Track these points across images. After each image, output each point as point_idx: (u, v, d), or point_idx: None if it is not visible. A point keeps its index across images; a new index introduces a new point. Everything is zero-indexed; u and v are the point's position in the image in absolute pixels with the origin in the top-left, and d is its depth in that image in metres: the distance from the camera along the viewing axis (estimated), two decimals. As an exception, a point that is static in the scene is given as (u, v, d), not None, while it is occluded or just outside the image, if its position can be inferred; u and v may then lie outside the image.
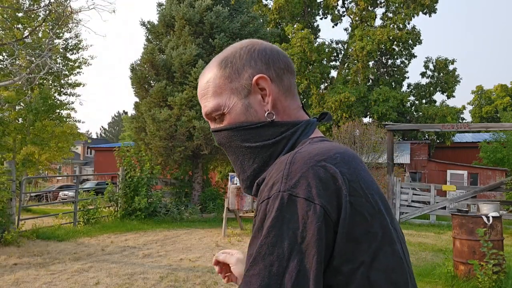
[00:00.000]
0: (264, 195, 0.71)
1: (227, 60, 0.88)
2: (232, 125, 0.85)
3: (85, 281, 5.72)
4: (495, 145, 21.61)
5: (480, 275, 4.98)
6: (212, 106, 0.86)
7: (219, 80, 0.87)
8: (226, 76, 0.86)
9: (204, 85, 0.89)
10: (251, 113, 0.85)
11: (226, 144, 0.88)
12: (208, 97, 0.87)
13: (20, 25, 17.09)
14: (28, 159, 17.86)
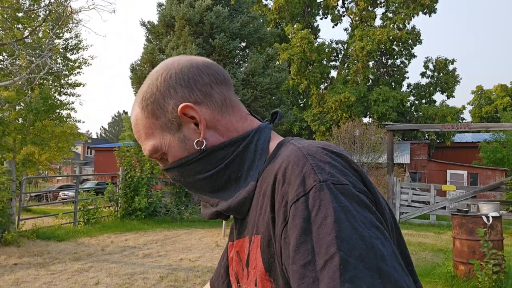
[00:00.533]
0: (295, 192, 0.60)
1: (146, 97, 0.79)
2: (177, 162, 0.79)
3: (85, 281, 5.73)
4: (495, 145, 21.62)
5: (480, 275, 4.98)
6: (150, 149, 0.80)
7: (145, 121, 0.79)
8: (151, 115, 0.78)
9: (135, 127, 0.82)
10: (190, 145, 0.78)
11: (181, 180, 0.82)
12: (142, 140, 0.81)
13: (20, 25, 17.10)
14: (28, 159, 17.87)
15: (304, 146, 0.68)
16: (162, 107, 0.78)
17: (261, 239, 0.68)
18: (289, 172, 0.64)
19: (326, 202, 0.57)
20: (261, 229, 0.69)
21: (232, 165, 0.77)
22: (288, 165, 0.65)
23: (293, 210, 0.59)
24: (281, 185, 0.64)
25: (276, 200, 0.65)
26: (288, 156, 0.67)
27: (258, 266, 0.69)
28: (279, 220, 0.63)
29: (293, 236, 0.58)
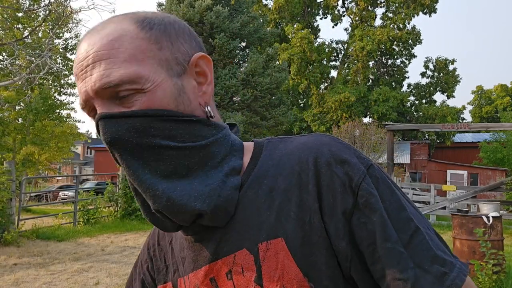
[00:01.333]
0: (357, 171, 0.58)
1: (152, 20, 0.62)
2: (159, 110, 0.58)
3: (85, 281, 5.72)
4: (495, 145, 21.62)
5: (481, 275, 4.98)
6: (125, 75, 0.57)
7: (140, 41, 0.59)
8: (153, 39, 0.60)
9: (108, 43, 0.58)
10: (183, 100, 0.61)
11: (133, 140, 0.58)
12: (117, 61, 0.57)
13: (20, 25, 17.09)
14: (28, 159, 17.88)
15: (320, 134, 0.65)
16: (173, 42, 0.62)
17: (287, 240, 0.58)
18: (338, 154, 0.59)
19: (385, 180, 0.60)
20: (284, 230, 0.58)
21: (207, 149, 0.62)
22: (331, 148, 0.60)
23: (365, 189, 0.57)
24: (334, 167, 0.58)
25: (322, 184, 0.58)
26: (318, 142, 0.62)
27: (290, 274, 0.57)
28: (342, 202, 0.57)
29: (374, 217, 0.56)
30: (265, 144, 0.67)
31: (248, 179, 0.63)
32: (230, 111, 14.66)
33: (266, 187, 0.62)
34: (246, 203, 0.62)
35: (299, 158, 0.61)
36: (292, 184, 0.60)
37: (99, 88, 0.57)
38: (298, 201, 0.59)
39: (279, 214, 0.59)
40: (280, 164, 0.62)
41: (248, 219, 0.61)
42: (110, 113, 0.58)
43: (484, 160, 22.03)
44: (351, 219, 0.57)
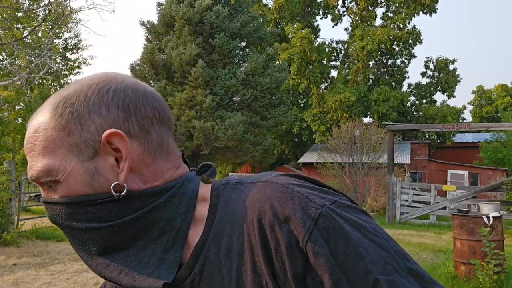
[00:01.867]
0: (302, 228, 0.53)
1: (66, 102, 0.61)
2: (72, 198, 0.60)
3: (84, 281, 5.71)
4: (495, 145, 21.61)
5: (481, 275, 4.97)
6: (41, 169, 0.59)
7: (51, 132, 0.60)
8: (62, 127, 0.60)
9: (30, 137, 0.61)
10: (99, 183, 0.60)
11: (64, 223, 0.61)
12: (34, 155, 0.60)
13: (19, 25, 17.09)
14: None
15: (268, 179, 0.60)
16: (82, 123, 0.60)
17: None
18: (280, 210, 0.55)
19: (338, 228, 0.54)
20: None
21: (144, 220, 0.61)
22: (273, 203, 0.56)
23: (312, 248, 0.53)
24: (277, 227, 0.54)
25: (271, 248, 0.55)
26: (261, 195, 0.58)
27: None
28: (291, 266, 0.54)
29: (325, 278, 0.52)
30: (221, 192, 0.65)
31: (208, 236, 0.62)
32: (230, 111, 14.66)
33: (224, 247, 0.60)
34: (208, 265, 0.60)
35: (245, 217, 0.59)
36: (244, 246, 0.58)
37: (30, 179, 0.62)
38: (251, 265, 0.57)
39: (238, 279, 0.58)
40: (234, 221, 0.60)
41: (214, 282, 0.60)
42: (43, 199, 0.63)
43: (484, 160, 22.02)
44: (305, 279, 0.54)
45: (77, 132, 0.60)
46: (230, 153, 14.57)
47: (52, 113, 0.61)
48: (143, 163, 0.62)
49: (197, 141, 13.71)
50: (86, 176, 0.60)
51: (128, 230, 0.61)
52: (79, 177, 0.60)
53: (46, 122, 0.61)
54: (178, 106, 13.84)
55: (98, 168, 0.60)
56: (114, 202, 0.60)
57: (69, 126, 0.60)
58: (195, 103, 13.87)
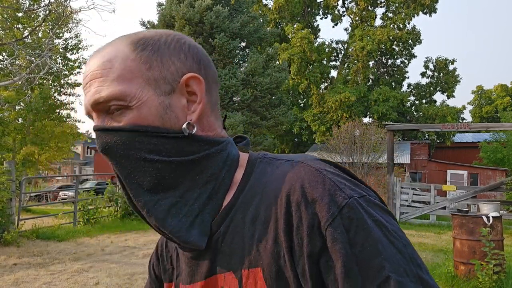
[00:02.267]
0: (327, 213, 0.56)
1: (147, 41, 0.66)
2: (140, 126, 0.62)
3: (85, 281, 5.72)
4: (495, 145, 21.62)
5: (481, 275, 4.97)
6: (115, 92, 0.62)
7: (131, 62, 0.64)
8: (143, 61, 0.64)
9: (102, 64, 0.64)
10: (169, 118, 0.64)
11: (120, 151, 0.63)
12: (107, 80, 0.63)
13: (20, 25, 17.10)
14: (28, 159, 17.89)
15: (304, 161, 0.62)
16: (163, 62, 0.65)
17: (264, 272, 0.60)
18: (309, 191, 0.58)
19: (361, 221, 0.55)
20: (262, 261, 0.60)
21: (197, 164, 0.65)
22: (304, 184, 0.59)
23: (331, 233, 0.55)
24: (303, 207, 0.57)
25: (293, 224, 0.58)
26: (294, 174, 0.61)
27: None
28: (309, 245, 0.56)
29: (338, 264, 0.54)
30: (256, 164, 0.68)
31: (237, 201, 0.65)
32: (230, 111, 14.67)
33: (251, 214, 0.63)
34: (233, 227, 0.64)
35: (276, 191, 0.61)
36: (270, 217, 0.61)
37: (93, 103, 0.64)
38: (274, 235, 0.60)
39: (259, 245, 0.61)
40: (264, 193, 0.63)
41: (235, 244, 0.63)
42: (100, 126, 0.64)
43: (484, 160, 22.03)
44: (318, 262, 0.56)
45: (158, 68, 0.65)
46: (230, 153, 14.59)
47: (132, 48, 0.65)
48: (205, 113, 0.67)
49: (197, 141, 13.75)
50: (160, 109, 0.64)
51: (181, 170, 0.64)
52: (153, 108, 0.63)
53: (126, 54, 0.65)
54: (178, 106, 13.89)
55: (172, 105, 0.65)
56: (178, 140, 0.64)
57: (150, 61, 0.65)
58: (195, 103, 13.92)
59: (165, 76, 0.65)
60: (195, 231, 0.64)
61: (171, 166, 0.63)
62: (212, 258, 0.65)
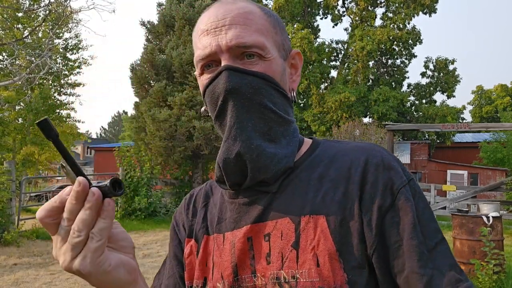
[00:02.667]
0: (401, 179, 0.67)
1: (269, 11, 0.75)
2: (272, 78, 0.70)
3: (85, 281, 5.71)
4: (495, 145, 21.60)
5: (481, 275, 4.97)
6: (256, 41, 0.68)
7: (264, 21, 0.72)
8: (272, 25, 0.73)
9: (244, 13, 0.70)
10: (283, 80, 0.74)
11: (247, 94, 0.68)
12: (250, 29, 0.69)
13: (20, 25, 17.09)
14: (28, 159, 17.89)
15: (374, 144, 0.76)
16: (282, 31, 0.75)
17: (329, 220, 0.66)
18: (387, 161, 0.69)
19: (420, 193, 0.68)
20: (327, 210, 0.67)
21: (292, 126, 0.75)
22: (383, 155, 0.70)
23: (403, 195, 0.66)
24: (381, 169, 0.68)
25: (368, 181, 0.67)
26: (373, 148, 0.72)
27: (325, 247, 0.65)
28: (381, 199, 0.66)
29: (406, 218, 0.64)
30: (321, 142, 0.78)
31: (303, 163, 0.73)
32: (230, 111, 14.68)
33: (317, 173, 0.71)
34: (297, 182, 0.71)
35: (352, 155, 0.71)
36: (342, 176, 0.69)
37: (234, 45, 0.68)
38: (344, 190, 0.68)
39: (325, 197, 0.68)
40: (334, 158, 0.72)
41: (296, 195, 0.70)
42: (236, 67, 0.68)
43: (484, 160, 22.02)
44: (385, 216, 0.65)
45: (279, 35, 0.74)
46: (230, 153, 14.58)
47: (262, 11, 0.73)
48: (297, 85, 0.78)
49: (197, 141, 13.72)
50: (281, 69, 0.73)
51: (284, 127, 0.72)
52: (278, 66, 0.72)
53: (261, 14, 0.73)
54: (178, 106, 13.85)
55: (285, 70, 0.75)
56: (287, 100, 0.74)
57: (275, 28, 0.73)
58: (195, 103, 13.88)
59: (284, 43, 0.74)
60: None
61: (279, 120, 0.71)
62: (266, 206, 0.71)
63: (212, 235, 0.77)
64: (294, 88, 0.76)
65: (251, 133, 0.68)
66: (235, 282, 0.70)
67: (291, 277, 0.65)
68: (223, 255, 0.73)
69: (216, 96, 0.69)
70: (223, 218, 0.76)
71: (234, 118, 0.68)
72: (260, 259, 0.69)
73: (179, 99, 13.74)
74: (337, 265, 0.64)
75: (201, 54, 0.71)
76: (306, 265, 0.65)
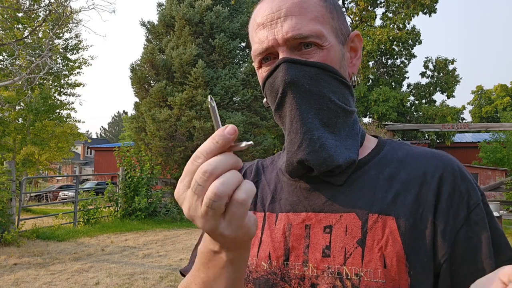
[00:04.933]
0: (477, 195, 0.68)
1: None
2: (331, 66, 0.68)
3: (85, 281, 5.72)
4: (495, 145, 21.61)
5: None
6: (313, 30, 0.66)
7: (320, 8, 0.69)
8: (329, 10, 0.71)
9: (299, 3, 0.68)
10: (343, 66, 0.71)
11: (306, 85, 0.66)
12: (305, 18, 0.67)
13: (20, 25, 17.09)
14: (28, 159, 17.89)
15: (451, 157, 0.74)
16: (339, 15, 0.72)
17: (399, 222, 0.65)
18: (463, 172, 0.69)
19: (490, 210, 0.68)
20: (397, 211, 0.65)
21: (352, 116, 0.72)
22: (459, 165, 0.70)
23: (479, 211, 0.66)
24: (459, 180, 0.68)
25: (445, 190, 0.66)
26: (447, 156, 0.71)
27: (393, 248, 0.63)
28: (455, 212, 0.65)
29: (482, 235, 0.64)
30: (388, 141, 0.76)
31: (372, 160, 0.72)
32: (230, 111, 14.68)
33: (387, 173, 0.69)
34: (366, 179, 0.70)
35: (428, 161, 0.70)
36: (414, 179, 0.68)
37: (290, 37, 0.66)
38: (416, 194, 0.66)
39: (395, 198, 0.67)
40: (405, 161, 0.71)
41: (364, 192, 0.68)
42: (294, 59, 0.67)
43: (483, 160, 22.02)
44: (460, 228, 0.65)
45: (337, 20, 0.71)
46: (230, 153, 14.57)
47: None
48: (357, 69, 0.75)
49: (197, 141, 13.72)
50: (340, 56, 0.71)
51: (344, 117, 0.70)
52: (337, 53, 0.70)
53: (316, 0, 0.70)
54: (178, 106, 13.85)
55: (344, 55, 0.72)
56: (347, 88, 0.71)
57: (332, 12, 0.71)
58: (195, 103, 13.88)
59: (342, 28, 0.72)
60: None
61: (339, 110, 0.69)
62: (330, 197, 0.70)
63: (262, 212, 0.75)
64: (355, 72, 0.74)
65: (311, 124, 0.66)
66: (283, 266, 0.69)
67: (354, 274, 0.64)
68: (273, 235, 0.71)
69: (276, 89, 0.68)
70: (277, 198, 0.75)
71: (294, 111, 0.67)
72: (315, 250, 0.67)
73: (179, 99, 13.74)
74: (404, 268, 0.63)
75: (259, 48, 0.70)
76: (372, 265, 0.63)
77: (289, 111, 0.68)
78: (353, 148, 0.70)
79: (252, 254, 0.73)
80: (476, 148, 23.52)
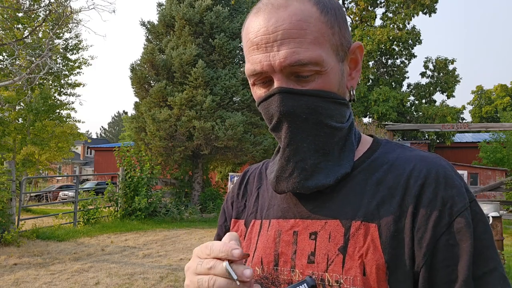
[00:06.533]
0: (462, 201, 0.63)
1: (326, 4, 0.65)
2: (328, 92, 0.64)
3: (85, 281, 5.72)
4: (494, 145, 21.62)
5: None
6: (312, 56, 0.61)
7: (321, 25, 0.63)
8: (330, 24, 0.64)
9: (297, 23, 0.62)
10: (342, 84, 0.67)
11: (303, 114, 0.64)
12: (304, 42, 0.61)
13: (20, 25, 17.08)
14: (28, 159, 17.88)
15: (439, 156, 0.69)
16: (340, 27, 0.66)
17: (380, 229, 0.63)
18: (449, 178, 0.64)
19: (481, 215, 0.64)
20: (380, 219, 0.64)
21: (347, 130, 0.69)
22: (446, 170, 0.65)
23: (463, 219, 0.62)
24: (442, 186, 0.63)
25: (426, 196, 0.63)
26: (437, 159, 0.67)
27: (373, 256, 0.63)
28: (437, 218, 0.62)
29: (464, 245, 0.61)
30: (383, 143, 0.73)
31: (361, 165, 0.70)
32: (230, 111, 14.68)
33: (375, 178, 0.67)
34: (354, 184, 0.68)
35: (413, 165, 0.66)
36: (399, 184, 0.65)
37: (288, 64, 0.62)
38: (399, 200, 0.64)
39: (380, 205, 0.65)
40: (394, 165, 0.68)
41: (350, 198, 0.67)
42: (290, 89, 0.63)
43: (483, 160, 22.03)
44: (440, 237, 0.62)
45: (337, 34, 0.65)
46: (230, 153, 14.57)
47: (319, 9, 0.64)
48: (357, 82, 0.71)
49: (197, 141, 13.72)
50: (339, 75, 0.66)
51: (338, 136, 0.67)
52: (336, 75, 0.66)
53: (317, 15, 0.63)
54: (178, 106, 13.86)
55: (344, 71, 0.68)
56: (344, 105, 0.68)
57: (333, 26, 0.65)
58: (195, 103, 13.88)
59: (342, 42, 0.66)
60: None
61: (335, 131, 0.66)
62: (318, 203, 0.69)
63: (259, 220, 0.76)
64: (354, 86, 0.69)
65: (306, 154, 0.65)
66: (274, 271, 0.70)
67: (335, 281, 0.64)
68: (265, 241, 0.72)
69: (270, 114, 0.66)
70: (272, 204, 0.75)
71: (288, 140, 0.65)
72: (302, 256, 0.67)
73: (179, 99, 13.74)
74: (383, 276, 0.62)
75: (252, 69, 0.66)
76: (351, 272, 0.63)
77: (283, 138, 0.66)
78: (346, 162, 0.68)
79: (248, 259, 0.74)
80: (476, 148, 23.52)
